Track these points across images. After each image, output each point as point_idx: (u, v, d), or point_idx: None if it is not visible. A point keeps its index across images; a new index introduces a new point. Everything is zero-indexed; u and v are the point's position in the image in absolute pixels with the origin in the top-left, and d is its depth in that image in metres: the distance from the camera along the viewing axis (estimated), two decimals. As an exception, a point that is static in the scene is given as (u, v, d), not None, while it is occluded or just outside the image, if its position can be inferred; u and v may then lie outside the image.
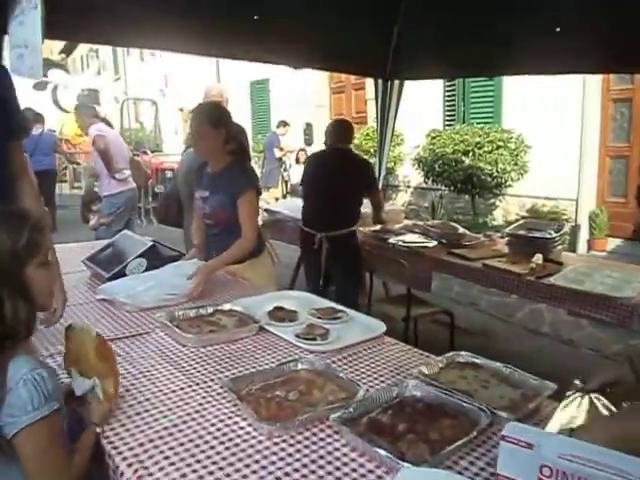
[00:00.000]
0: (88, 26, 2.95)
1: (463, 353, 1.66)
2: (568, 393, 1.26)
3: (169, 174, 9.57)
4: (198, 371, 1.60)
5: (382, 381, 1.55)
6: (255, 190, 2.61)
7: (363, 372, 1.61)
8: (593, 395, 1.22)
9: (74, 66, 23.80)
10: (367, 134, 9.10)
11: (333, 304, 2.21)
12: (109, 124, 5.26)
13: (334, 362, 1.66)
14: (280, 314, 2.01)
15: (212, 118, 2.54)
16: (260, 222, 3.19)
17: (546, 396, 1.39)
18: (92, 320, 2.00)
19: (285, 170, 10.39)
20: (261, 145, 12.05)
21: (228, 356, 1.71)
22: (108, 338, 1.55)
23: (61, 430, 1.15)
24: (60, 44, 19.43)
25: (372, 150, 8.40)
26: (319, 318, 2.01)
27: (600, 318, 2.67)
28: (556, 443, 0.97)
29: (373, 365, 1.66)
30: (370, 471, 1.13)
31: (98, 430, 1.26)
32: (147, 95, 14.95)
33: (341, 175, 3.57)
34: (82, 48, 22.20)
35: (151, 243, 2.45)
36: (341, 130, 3.78)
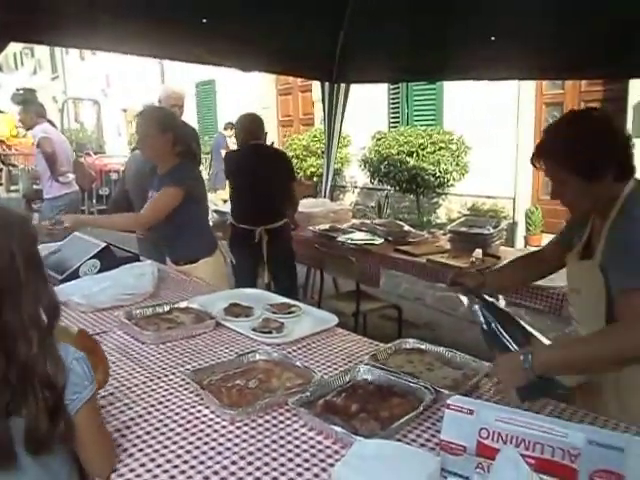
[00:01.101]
0: (28, 25, 2.88)
1: (410, 340, 1.79)
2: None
3: (114, 176, 9.39)
4: (159, 366, 1.65)
5: (335, 368, 1.65)
6: (179, 188, 2.58)
7: (317, 360, 1.71)
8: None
9: (7, 64, 22.80)
10: (314, 135, 9.24)
11: (286, 299, 2.30)
12: (53, 124, 5.15)
13: (290, 353, 1.75)
14: (236, 310, 2.08)
15: (159, 123, 2.60)
16: (210, 223, 3.24)
17: (484, 375, 1.52)
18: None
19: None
20: (208, 147, 11.97)
21: (187, 351, 1.77)
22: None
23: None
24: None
25: (319, 151, 8.54)
26: (274, 313, 2.10)
27: (536, 307, 2.88)
28: (494, 409, 1.11)
29: (326, 354, 1.76)
30: (327, 447, 1.23)
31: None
32: (88, 95, 14.55)
33: (263, 169, 3.60)
34: (15, 45, 21.28)
35: (104, 244, 2.46)
36: (253, 127, 3.79)
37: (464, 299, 1.71)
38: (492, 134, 7.14)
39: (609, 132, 1.46)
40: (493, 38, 3.39)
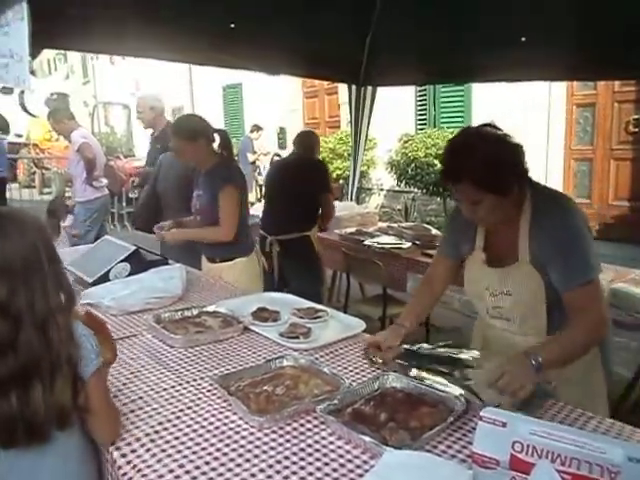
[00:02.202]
0: (59, 33, 2.95)
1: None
2: None
3: (143, 178, 9.52)
4: (187, 370, 1.66)
5: (364, 375, 1.63)
6: (235, 186, 2.71)
7: (345, 367, 1.69)
8: None
9: (41, 69, 23.37)
10: (341, 138, 9.22)
11: (314, 304, 2.29)
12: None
13: (317, 359, 1.74)
14: (264, 314, 2.08)
15: (188, 135, 2.69)
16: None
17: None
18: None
19: (259, 174, 10.45)
20: (235, 149, 12.08)
21: (215, 355, 1.78)
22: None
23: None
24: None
25: (346, 154, 8.53)
26: (301, 317, 2.09)
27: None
28: (528, 422, 1.08)
29: (354, 360, 1.75)
30: (356, 456, 1.21)
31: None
32: (118, 99, 14.80)
33: (291, 180, 3.69)
34: (49, 51, 21.82)
35: (134, 248, 2.49)
36: (309, 143, 3.94)
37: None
38: (522, 136, 6.93)
39: (515, 147, 1.56)
40: (524, 39, 3.33)
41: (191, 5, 2.97)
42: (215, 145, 2.84)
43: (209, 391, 1.51)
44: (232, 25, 3.42)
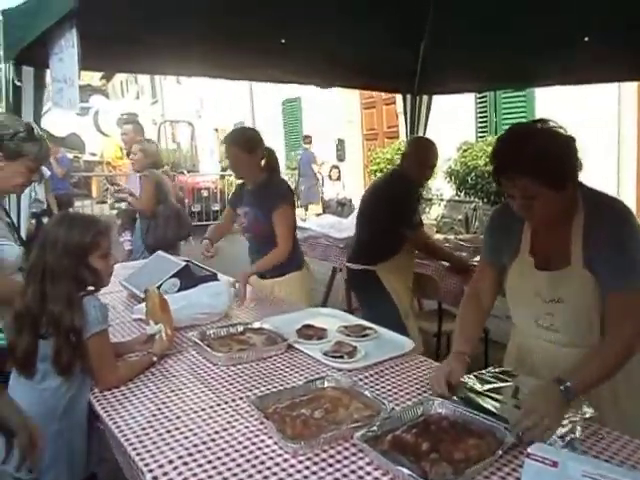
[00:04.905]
0: (123, 57, 3.08)
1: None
2: None
3: (205, 193, 9.80)
4: (227, 389, 1.64)
5: (408, 399, 1.55)
6: (289, 204, 2.74)
7: (389, 389, 1.62)
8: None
9: (114, 91, 24.68)
10: (399, 148, 9.11)
11: (362, 321, 2.23)
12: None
13: (361, 380, 1.67)
14: (308, 332, 2.04)
15: (245, 145, 2.70)
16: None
17: (584, 417, 1.32)
18: (128, 338, 2.07)
19: (322, 185, 10.51)
20: (294, 162, 12.19)
21: (257, 374, 1.75)
22: (143, 355, 1.79)
23: (110, 343, 1.72)
24: (101, 71, 20.18)
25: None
26: (347, 335, 2.03)
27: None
28: (580, 461, 0.97)
29: (400, 382, 1.67)
30: (393, 490, 1.14)
31: (154, 359, 1.80)
32: (183, 117, 15.37)
33: (371, 206, 3.29)
34: (122, 74, 23.00)
35: (184, 264, 2.52)
36: (424, 157, 3.25)
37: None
38: (591, 141, 6.64)
39: (569, 141, 1.50)
40: (587, 39, 3.14)
41: (241, 25, 3.01)
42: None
43: (247, 412, 1.48)
44: (282, 41, 3.44)
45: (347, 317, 2.35)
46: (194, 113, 17.13)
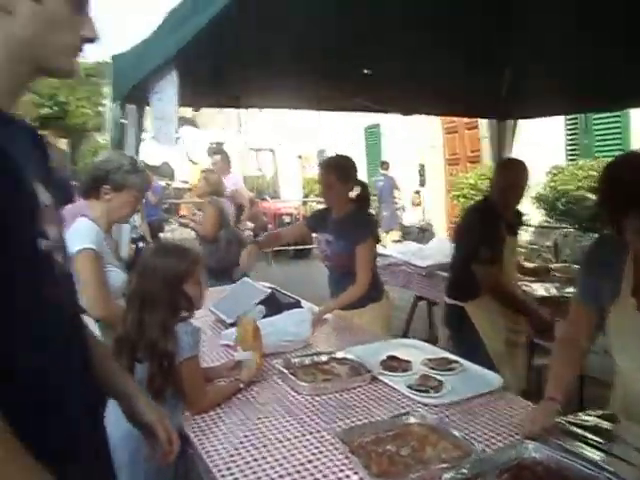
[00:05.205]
0: (216, 93, 3.26)
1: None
2: None
3: (287, 219, 10.04)
4: (312, 419, 1.64)
5: (499, 440, 1.48)
6: (374, 238, 2.76)
7: (478, 429, 1.56)
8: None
9: (202, 122, 26.03)
10: (482, 173, 8.89)
11: (447, 354, 2.17)
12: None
13: (447, 417, 1.63)
14: (393, 364, 2.01)
15: (342, 174, 2.74)
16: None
17: None
18: (214, 364, 2.13)
19: (403, 211, 10.45)
20: (375, 189, 12.21)
21: (341, 405, 1.74)
22: (231, 381, 1.85)
23: (200, 368, 1.77)
24: (191, 103, 21.40)
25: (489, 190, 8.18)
26: (432, 369, 1.99)
27: None
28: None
29: (490, 422, 1.60)
30: (485, 538, 1.09)
31: (242, 386, 1.85)
32: (267, 144, 15.90)
33: (455, 236, 3.11)
34: (210, 105, 24.14)
35: (270, 291, 2.58)
36: (511, 181, 2.92)
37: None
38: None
39: None
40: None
41: (322, 57, 3.09)
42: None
43: (331, 444, 1.48)
44: (365, 71, 3.49)
45: (431, 349, 2.29)
46: (277, 141, 17.68)
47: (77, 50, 0.94)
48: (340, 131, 14.80)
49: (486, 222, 2.78)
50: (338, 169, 2.76)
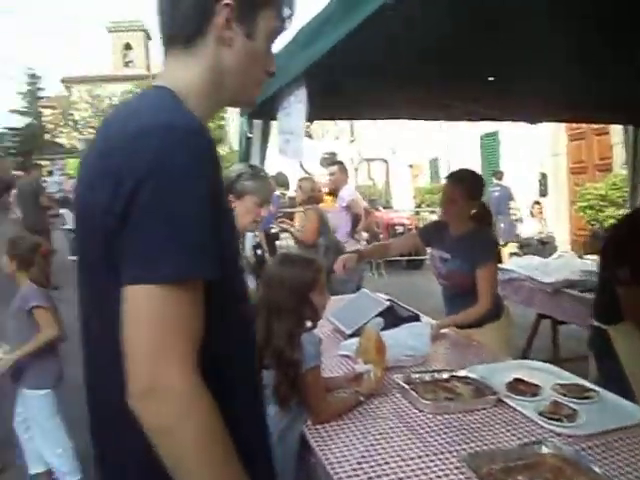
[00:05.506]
0: (334, 107, 3.31)
1: None
2: None
3: (399, 229, 9.96)
4: (435, 439, 1.60)
5: (646, 482, 1.35)
6: (495, 260, 2.64)
7: (620, 467, 1.42)
8: None
9: (316, 132, 26.69)
10: (614, 183, 8.20)
11: (580, 380, 2.02)
12: None
13: (584, 449, 1.50)
14: (520, 387, 1.90)
15: (469, 190, 2.65)
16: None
17: None
18: (331, 374, 2.15)
19: (521, 222, 9.96)
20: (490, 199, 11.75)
21: (465, 427, 1.68)
22: (351, 393, 1.85)
23: (322, 378, 1.79)
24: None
25: (621, 200, 7.53)
26: (564, 395, 1.85)
27: None
28: None
29: (634, 460, 1.46)
30: None
31: (362, 399, 1.84)
32: (379, 154, 15.94)
33: (603, 254, 2.76)
34: (323, 116, 24.71)
35: (389, 304, 2.57)
36: None
37: None
38: None
39: None
40: None
41: (443, 65, 3.03)
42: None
43: (457, 468, 1.42)
44: (490, 79, 3.37)
45: (562, 374, 2.14)
46: (389, 150, 17.65)
47: (262, 83, 1.04)
48: (454, 139, 14.45)
49: (635, 238, 2.49)
50: (466, 184, 2.66)
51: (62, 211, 10.58)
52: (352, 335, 2.48)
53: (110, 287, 0.82)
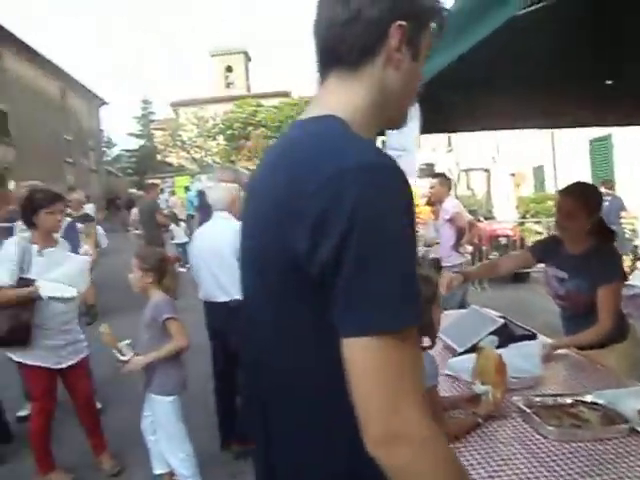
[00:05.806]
0: (441, 119, 3.28)
1: None
2: None
3: (503, 240, 9.58)
4: (562, 469, 1.52)
5: None
6: (620, 279, 2.47)
7: None
8: None
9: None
10: None
11: None
12: None
13: None
14: (656, 416, 1.76)
15: (589, 204, 2.49)
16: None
17: None
18: (445, 393, 2.11)
19: (636, 235, 9.20)
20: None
21: (595, 457, 1.58)
22: (467, 414, 1.81)
23: (439, 397, 1.72)
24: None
25: None
26: None
27: None
28: None
29: None
30: None
31: (480, 421, 1.77)
32: (478, 163, 15.47)
33: None
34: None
35: (502, 322, 2.48)
36: None
37: None
38: None
39: None
40: None
41: (560, 70, 2.90)
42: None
43: (591, 501, 1.35)
44: (608, 82, 3.17)
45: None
46: (489, 159, 17.07)
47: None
48: (560, 145, 13.69)
49: None
50: (585, 198, 2.49)
51: (171, 227, 11.29)
52: (463, 353, 2.42)
53: (298, 314, 0.86)
